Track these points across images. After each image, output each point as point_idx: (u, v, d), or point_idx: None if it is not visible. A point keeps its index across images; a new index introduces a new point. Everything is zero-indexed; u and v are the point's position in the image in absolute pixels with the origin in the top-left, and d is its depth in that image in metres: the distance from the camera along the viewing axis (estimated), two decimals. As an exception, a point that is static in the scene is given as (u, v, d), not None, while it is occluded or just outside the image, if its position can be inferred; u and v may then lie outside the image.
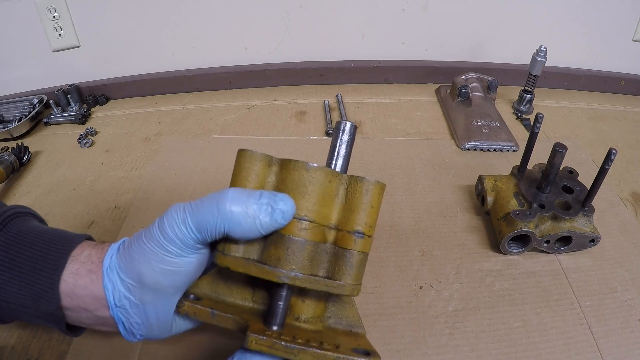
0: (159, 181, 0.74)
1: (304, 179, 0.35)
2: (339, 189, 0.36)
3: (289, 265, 0.34)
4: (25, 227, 0.38)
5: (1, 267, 0.36)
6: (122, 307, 0.36)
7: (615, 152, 0.52)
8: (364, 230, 0.36)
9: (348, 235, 0.35)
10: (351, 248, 0.35)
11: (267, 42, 1.02)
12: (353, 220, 0.36)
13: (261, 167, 0.36)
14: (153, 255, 0.35)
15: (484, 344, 0.50)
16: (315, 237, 0.35)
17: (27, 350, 0.49)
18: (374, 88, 1.03)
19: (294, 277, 0.34)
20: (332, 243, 0.36)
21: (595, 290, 0.56)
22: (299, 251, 0.34)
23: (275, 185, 0.36)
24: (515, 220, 0.57)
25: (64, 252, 0.37)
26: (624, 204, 0.70)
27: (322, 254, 0.36)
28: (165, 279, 0.36)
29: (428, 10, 0.99)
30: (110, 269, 0.36)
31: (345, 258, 0.35)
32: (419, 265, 0.59)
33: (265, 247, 0.35)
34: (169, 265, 0.35)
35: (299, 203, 0.34)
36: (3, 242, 0.36)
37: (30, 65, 0.97)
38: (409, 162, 0.78)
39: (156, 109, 0.97)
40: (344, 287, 0.35)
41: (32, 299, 0.36)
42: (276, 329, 0.35)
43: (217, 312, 0.36)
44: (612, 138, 0.86)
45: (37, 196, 0.72)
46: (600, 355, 0.49)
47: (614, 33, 1.00)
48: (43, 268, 0.36)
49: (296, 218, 0.34)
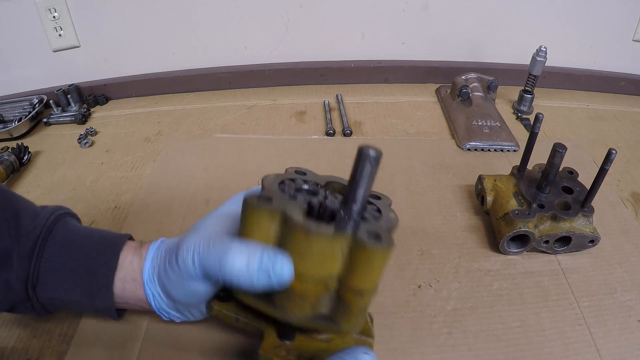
0: (159, 180, 0.74)
1: (302, 244, 0.33)
2: (343, 248, 0.33)
3: (292, 311, 0.35)
4: (70, 231, 0.44)
5: (54, 271, 0.41)
6: (161, 309, 0.43)
7: (615, 153, 0.52)
8: (365, 290, 0.34)
9: (349, 292, 0.34)
10: (351, 301, 0.35)
11: (267, 42, 1.02)
12: (356, 281, 0.34)
13: (265, 221, 0.35)
14: (175, 281, 0.39)
15: (482, 344, 0.50)
16: (316, 290, 0.35)
17: (27, 350, 0.49)
18: (374, 88, 1.03)
19: (297, 320, 0.35)
20: (335, 290, 0.35)
21: (595, 290, 0.56)
22: (301, 301, 0.35)
23: (278, 239, 0.35)
24: (514, 220, 0.57)
25: (113, 255, 0.42)
26: (624, 204, 0.70)
27: (325, 297, 0.35)
28: (186, 297, 0.40)
29: (428, 10, 0.99)
30: (149, 280, 0.41)
31: (346, 307, 0.35)
32: (417, 264, 0.59)
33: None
34: (188, 289, 0.39)
35: (298, 263, 0.34)
36: (53, 248, 0.41)
37: (30, 65, 0.97)
38: (408, 162, 0.78)
39: (156, 109, 0.97)
40: (341, 330, 0.36)
41: (87, 297, 0.42)
42: (288, 343, 0.39)
43: (241, 318, 0.41)
44: (612, 138, 0.86)
45: (37, 196, 0.72)
46: (599, 355, 0.48)
47: (614, 33, 1.00)
48: (97, 271, 0.42)
49: (296, 275, 0.34)
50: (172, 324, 0.47)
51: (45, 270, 0.41)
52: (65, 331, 0.51)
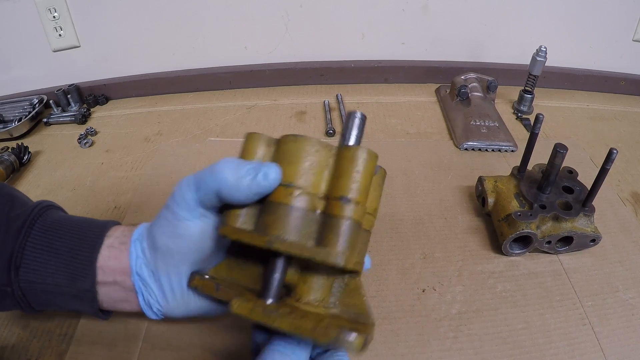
0: (156, 183, 0.74)
1: (292, 149, 0.36)
2: (329, 160, 0.36)
3: (276, 230, 0.34)
4: (60, 216, 0.43)
5: (40, 251, 0.40)
6: (141, 275, 0.40)
7: (616, 152, 0.52)
8: (351, 195, 0.34)
9: (335, 202, 0.34)
10: (337, 214, 0.34)
11: (267, 42, 1.02)
12: (339, 186, 0.35)
13: (262, 145, 0.37)
14: (164, 220, 0.39)
15: (488, 347, 0.50)
16: (303, 204, 0.35)
17: (27, 350, 0.49)
18: (373, 88, 1.03)
19: (278, 241, 0.34)
20: (321, 212, 0.35)
21: (597, 290, 0.56)
22: (286, 217, 0.34)
23: (270, 159, 0.37)
24: (516, 222, 0.57)
25: (100, 233, 0.41)
26: (624, 203, 0.70)
27: (312, 223, 0.35)
28: (172, 242, 0.39)
29: (428, 10, 0.99)
30: (136, 239, 0.41)
31: (332, 225, 0.34)
32: (421, 268, 0.59)
33: (259, 217, 0.36)
34: (175, 228, 0.38)
35: (286, 171, 0.35)
36: (40, 228, 0.41)
37: (30, 65, 0.97)
38: (407, 164, 0.77)
39: (156, 109, 0.97)
40: (329, 254, 0.33)
41: (69, 278, 0.40)
42: (270, 302, 0.35)
43: (221, 286, 0.38)
44: (612, 138, 0.86)
45: (37, 196, 0.71)
46: (603, 355, 0.49)
47: (614, 33, 1.00)
48: (81, 248, 0.40)
49: (283, 185, 0.35)
50: (172, 324, 0.47)
51: (30, 248, 0.40)
52: (65, 331, 0.51)
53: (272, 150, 0.37)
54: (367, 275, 0.58)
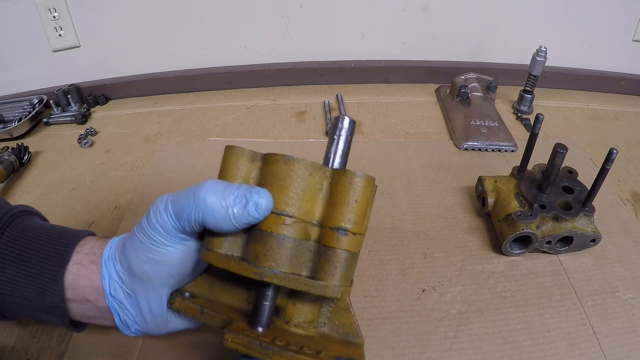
0: (156, 183, 0.74)
1: (282, 172, 0.33)
2: (323, 183, 0.34)
3: (268, 262, 0.33)
4: (31, 224, 0.40)
5: (7, 261, 0.37)
6: (116, 297, 0.37)
7: (616, 152, 0.52)
8: (349, 227, 0.33)
9: (331, 233, 0.33)
10: (334, 246, 0.33)
11: (267, 42, 1.02)
12: (335, 216, 0.33)
13: (245, 162, 0.35)
14: (140, 244, 0.35)
15: (488, 347, 0.50)
16: (295, 233, 0.33)
17: (27, 350, 0.49)
18: (374, 88, 1.03)
19: (272, 274, 0.32)
20: (315, 241, 0.34)
21: (597, 289, 0.56)
22: (278, 248, 0.33)
23: (257, 180, 0.35)
24: (517, 222, 0.57)
25: (68, 245, 0.38)
26: (624, 203, 0.70)
27: (305, 252, 0.34)
28: (150, 269, 0.36)
29: (428, 10, 0.99)
30: (108, 259, 0.38)
31: (329, 257, 0.33)
32: (421, 268, 0.59)
33: (247, 243, 0.34)
34: (153, 254, 0.35)
35: (277, 197, 0.33)
36: (9, 238, 0.38)
37: (30, 65, 0.97)
38: (407, 164, 0.77)
39: (156, 109, 0.97)
40: (326, 288, 0.33)
41: (38, 292, 0.37)
42: (261, 330, 0.34)
43: (206, 310, 0.36)
44: (612, 138, 0.86)
45: (37, 196, 0.72)
46: (603, 355, 0.49)
47: (614, 33, 1.00)
48: (49, 261, 0.37)
49: (275, 213, 0.33)
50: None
51: None
52: (65, 331, 0.51)
53: (257, 167, 0.35)
54: (367, 275, 0.58)
